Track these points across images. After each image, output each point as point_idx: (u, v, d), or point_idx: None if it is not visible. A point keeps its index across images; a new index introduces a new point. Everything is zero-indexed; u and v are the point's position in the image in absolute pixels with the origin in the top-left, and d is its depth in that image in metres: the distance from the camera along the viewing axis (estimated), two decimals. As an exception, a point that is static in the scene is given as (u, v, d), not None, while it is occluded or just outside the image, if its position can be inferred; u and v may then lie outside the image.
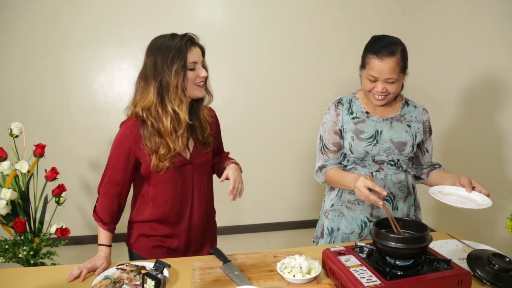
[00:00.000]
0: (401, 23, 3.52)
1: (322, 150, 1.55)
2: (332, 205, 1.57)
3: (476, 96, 2.77)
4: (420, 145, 1.54)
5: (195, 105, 1.39)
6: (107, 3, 3.14)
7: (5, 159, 1.99)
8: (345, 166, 1.54)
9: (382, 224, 1.17)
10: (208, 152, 1.45)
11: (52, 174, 2.10)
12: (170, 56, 1.24)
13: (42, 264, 2.00)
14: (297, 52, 3.44)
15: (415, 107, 1.55)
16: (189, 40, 1.28)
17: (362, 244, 1.20)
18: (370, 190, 1.23)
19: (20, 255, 1.93)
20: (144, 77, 1.29)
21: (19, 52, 3.11)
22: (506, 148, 2.53)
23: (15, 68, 3.12)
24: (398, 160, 1.48)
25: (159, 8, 3.20)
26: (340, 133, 1.51)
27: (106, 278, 1.17)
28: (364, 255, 1.16)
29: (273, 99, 3.48)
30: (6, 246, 1.94)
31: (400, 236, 1.09)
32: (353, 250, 1.19)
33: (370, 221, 1.50)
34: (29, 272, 1.34)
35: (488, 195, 1.26)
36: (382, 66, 1.35)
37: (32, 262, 1.94)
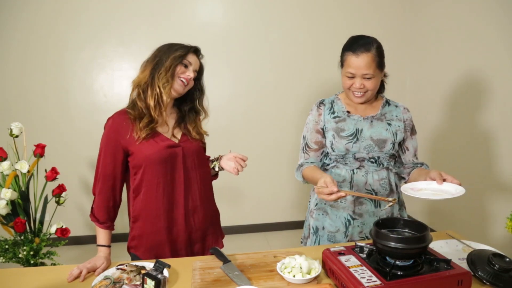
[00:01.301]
0: (401, 23, 3.52)
1: (304, 149, 1.60)
2: (316, 204, 1.60)
3: (476, 96, 2.76)
4: (401, 143, 1.56)
5: (192, 115, 1.50)
6: (107, 3, 3.14)
7: (5, 159, 1.99)
8: (328, 164, 1.57)
9: (382, 224, 1.17)
10: (198, 142, 1.49)
11: (52, 174, 2.10)
12: (175, 47, 1.40)
13: (42, 264, 2.00)
14: (297, 52, 3.44)
15: (396, 106, 1.57)
16: (196, 49, 1.44)
17: (362, 244, 1.20)
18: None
19: (20, 255, 1.92)
20: (147, 60, 1.42)
21: (19, 52, 3.11)
22: (503, 147, 2.53)
23: (15, 68, 3.13)
24: (379, 157, 1.50)
25: (159, 8, 3.20)
26: (322, 132, 1.55)
27: (106, 278, 1.17)
28: (364, 255, 1.16)
29: (273, 99, 3.48)
30: (6, 246, 1.94)
31: (400, 236, 1.09)
32: (353, 250, 1.19)
33: (353, 219, 1.52)
34: (29, 272, 1.34)
35: (459, 185, 1.25)
36: (358, 61, 1.40)
37: (32, 262, 1.94)
